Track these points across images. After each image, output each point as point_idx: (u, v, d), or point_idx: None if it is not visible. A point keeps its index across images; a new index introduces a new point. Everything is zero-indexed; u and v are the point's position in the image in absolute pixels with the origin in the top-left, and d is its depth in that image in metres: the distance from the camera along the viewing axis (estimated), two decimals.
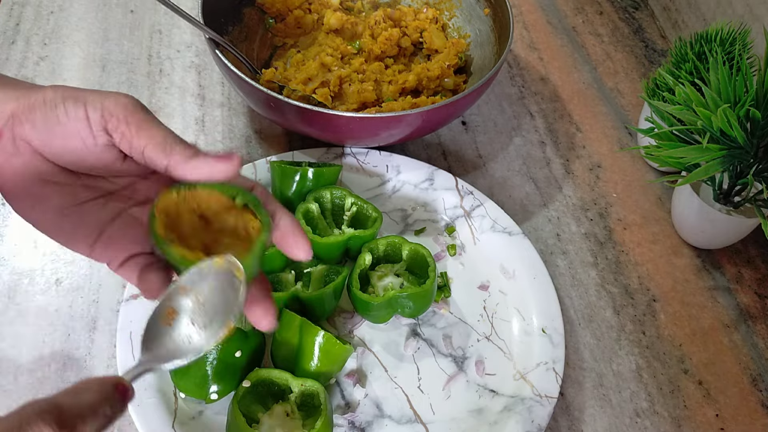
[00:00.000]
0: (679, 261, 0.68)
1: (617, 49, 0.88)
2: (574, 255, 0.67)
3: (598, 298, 0.64)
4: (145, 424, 0.51)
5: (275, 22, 0.79)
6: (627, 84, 0.83)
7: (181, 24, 0.84)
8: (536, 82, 0.83)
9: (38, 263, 0.62)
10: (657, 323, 0.63)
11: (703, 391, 0.59)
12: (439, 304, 0.61)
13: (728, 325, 0.63)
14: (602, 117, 0.80)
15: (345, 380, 0.56)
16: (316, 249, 0.61)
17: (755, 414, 0.58)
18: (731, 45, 0.64)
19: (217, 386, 0.51)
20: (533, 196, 0.72)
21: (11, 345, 0.57)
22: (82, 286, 0.61)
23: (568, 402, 0.58)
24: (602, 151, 0.76)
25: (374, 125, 0.62)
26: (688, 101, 0.58)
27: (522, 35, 0.88)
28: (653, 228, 0.70)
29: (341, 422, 0.54)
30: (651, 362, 0.61)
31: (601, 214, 0.71)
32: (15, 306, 0.59)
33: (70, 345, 0.57)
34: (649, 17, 0.92)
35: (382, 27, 0.78)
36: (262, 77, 0.72)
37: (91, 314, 0.59)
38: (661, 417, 0.58)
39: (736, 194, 0.63)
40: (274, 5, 0.78)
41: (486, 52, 0.76)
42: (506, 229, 0.65)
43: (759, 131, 0.56)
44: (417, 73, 0.73)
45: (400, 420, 0.55)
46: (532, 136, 0.77)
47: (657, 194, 0.73)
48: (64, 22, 0.83)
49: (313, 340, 0.52)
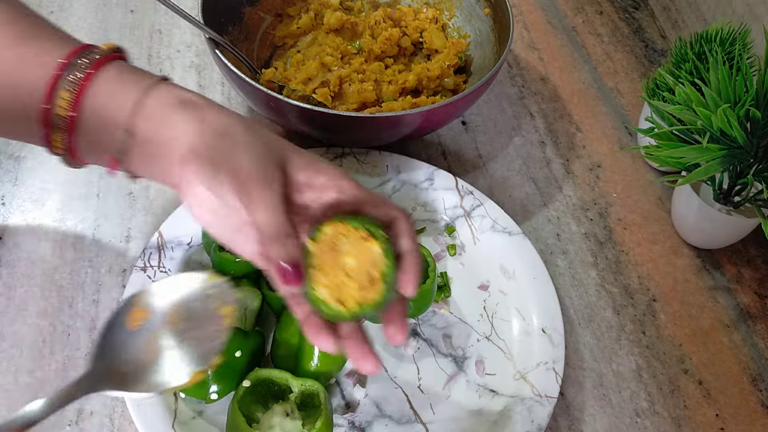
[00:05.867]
0: (679, 261, 0.68)
1: (617, 49, 0.88)
2: (574, 255, 0.67)
3: (598, 298, 0.64)
4: (145, 424, 0.51)
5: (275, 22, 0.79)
6: (627, 84, 0.83)
7: (181, 24, 0.84)
8: (536, 82, 0.83)
9: (38, 263, 0.62)
10: (657, 323, 0.63)
11: (703, 391, 0.59)
12: (439, 304, 0.61)
13: (728, 325, 0.63)
14: (602, 117, 0.80)
15: (345, 380, 0.56)
16: None
17: (755, 414, 0.58)
18: (731, 45, 0.64)
19: (217, 386, 0.51)
20: (533, 196, 0.72)
21: (11, 345, 0.57)
22: (82, 286, 0.61)
23: (568, 402, 0.58)
24: (602, 151, 0.76)
25: (374, 125, 0.62)
26: (688, 101, 0.58)
27: (522, 35, 0.88)
28: (653, 228, 0.70)
29: (341, 422, 0.54)
30: (651, 362, 0.61)
31: (601, 214, 0.71)
32: (15, 306, 0.59)
33: (70, 345, 0.57)
34: (649, 17, 0.92)
35: (382, 27, 0.78)
36: (262, 77, 0.72)
37: (91, 314, 0.59)
38: (661, 417, 0.58)
39: (736, 194, 0.63)
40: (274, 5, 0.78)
41: (486, 52, 0.76)
42: (506, 229, 0.65)
43: (759, 131, 0.56)
44: (417, 73, 0.73)
45: (400, 420, 0.55)
46: (532, 136, 0.77)
47: (657, 194, 0.73)
48: (64, 22, 0.82)
49: None
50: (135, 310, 0.36)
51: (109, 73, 0.42)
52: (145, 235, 0.64)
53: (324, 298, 0.41)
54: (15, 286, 0.60)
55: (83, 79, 0.41)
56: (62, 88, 0.40)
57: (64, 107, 0.41)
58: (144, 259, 0.60)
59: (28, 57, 0.42)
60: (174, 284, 0.37)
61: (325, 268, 0.42)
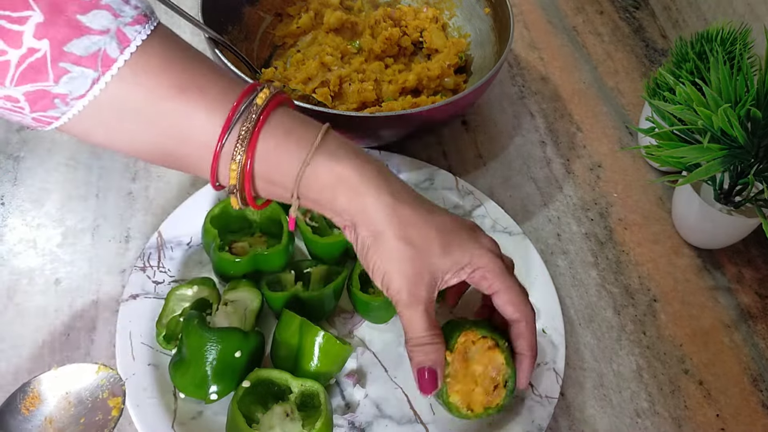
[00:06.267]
0: (680, 261, 0.67)
1: (618, 49, 0.88)
2: (575, 255, 0.67)
3: (598, 298, 0.64)
4: (144, 424, 0.51)
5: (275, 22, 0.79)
6: (627, 84, 0.83)
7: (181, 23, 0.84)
8: (536, 81, 0.83)
9: (38, 263, 0.62)
10: (657, 323, 0.63)
11: (703, 391, 0.59)
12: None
13: (729, 325, 0.63)
14: (603, 117, 0.80)
15: (345, 380, 0.56)
16: (315, 249, 0.60)
17: (756, 414, 0.58)
18: (732, 44, 0.64)
19: (216, 386, 0.51)
20: (533, 196, 0.71)
21: (11, 345, 0.57)
22: (82, 286, 0.61)
23: (569, 402, 0.58)
24: (603, 151, 0.76)
25: (374, 125, 0.62)
26: (689, 101, 0.58)
27: (522, 35, 0.88)
28: (654, 228, 0.70)
29: (341, 422, 0.54)
30: (651, 362, 0.60)
31: (601, 214, 0.71)
32: (15, 306, 0.59)
33: (70, 345, 0.57)
34: (650, 17, 0.92)
35: (382, 26, 0.78)
36: (262, 77, 0.72)
37: (91, 314, 0.59)
38: (661, 417, 0.57)
39: (737, 194, 0.63)
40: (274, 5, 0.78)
41: (486, 52, 0.76)
42: (506, 229, 0.65)
43: (760, 131, 0.56)
44: (417, 73, 0.73)
45: (400, 420, 0.55)
46: (533, 136, 0.77)
47: (657, 194, 0.73)
48: None
49: (313, 340, 0.52)
50: (28, 397, 0.39)
51: (273, 136, 0.43)
52: (145, 235, 0.64)
53: (456, 404, 0.49)
54: (14, 286, 0.60)
55: (249, 147, 0.42)
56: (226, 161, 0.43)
57: (232, 177, 0.43)
58: (143, 259, 0.60)
59: (191, 113, 0.42)
60: (66, 374, 0.40)
61: (458, 376, 0.48)
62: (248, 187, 0.44)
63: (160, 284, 0.59)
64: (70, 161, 0.70)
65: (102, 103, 0.41)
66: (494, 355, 0.49)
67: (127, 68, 0.40)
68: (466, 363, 0.49)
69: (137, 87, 0.41)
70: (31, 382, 0.40)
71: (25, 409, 0.39)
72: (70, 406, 0.40)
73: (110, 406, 0.42)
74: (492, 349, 0.49)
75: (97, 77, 0.39)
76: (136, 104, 0.41)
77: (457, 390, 0.48)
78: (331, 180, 0.44)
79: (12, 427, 0.38)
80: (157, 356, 0.55)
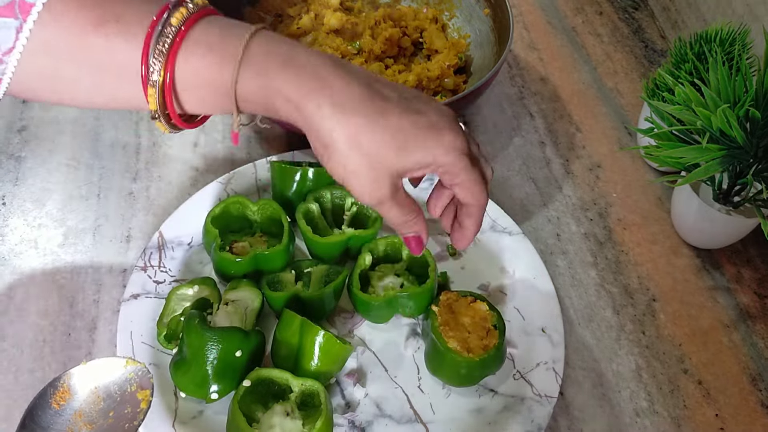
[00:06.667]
0: (679, 261, 0.68)
1: (617, 49, 0.88)
2: (574, 255, 0.67)
3: (597, 297, 0.64)
4: (145, 424, 0.51)
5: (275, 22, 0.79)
6: (627, 84, 0.83)
7: None
8: (536, 82, 0.83)
9: (39, 263, 0.62)
10: (657, 323, 0.63)
11: (702, 390, 0.59)
12: None
13: (728, 325, 0.63)
14: (602, 117, 0.80)
15: (345, 380, 0.56)
16: (316, 249, 0.61)
17: (755, 414, 0.58)
18: (731, 45, 0.64)
19: (217, 386, 0.51)
20: (533, 196, 0.72)
21: (11, 345, 0.57)
22: (83, 286, 0.61)
23: (568, 402, 0.58)
24: (602, 151, 0.76)
25: None
26: (688, 101, 0.58)
27: (522, 35, 0.88)
28: (653, 228, 0.70)
29: (341, 422, 0.54)
30: (651, 362, 0.61)
31: (600, 214, 0.71)
32: (16, 306, 0.59)
33: (70, 345, 0.57)
34: (649, 17, 0.92)
35: (382, 27, 0.78)
36: None
37: (91, 314, 0.59)
38: (660, 417, 0.58)
39: (736, 194, 0.63)
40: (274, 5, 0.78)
41: (486, 52, 0.76)
42: (506, 229, 0.65)
43: (758, 131, 0.56)
44: (417, 73, 0.73)
45: (400, 420, 0.55)
46: (532, 136, 0.77)
47: (657, 194, 0.73)
48: None
49: (313, 340, 0.52)
50: (59, 392, 0.40)
51: (194, 54, 0.42)
52: (146, 235, 0.64)
53: (456, 349, 0.52)
54: (15, 285, 0.60)
55: (166, 68, 0.41)
56: (153, 56, 0.41)
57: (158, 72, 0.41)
58: (144, 259, 0.60)
59: (112, 45, 0.41)
60: (95, 368, 0.41)
61: (450, 324, 0.54)
62: (171, 109, 0.43)
63: (161, 284, 0.59)
64: (72, 161, 0.70)
65: (33, 52, 0.40)
66: (477, 306, 0.55)
67: (46, 12, 0.40)
68: (454, 315, 0.55)
69: (60, 29, 0.40)
70: (62, 377, 0.41)
71: (55, 403, 0.40)
72: (99, 400, 0.41)
73: (139, 398, 0.42)
74: (473, 303, 0.56)
75: (20, 25, 0.39)
76: (64, 47, 0.41)
77: (452, 336, 0.53)
78: (265, 96, 0.42)
79: (44, 422, 0.38)
80: (158, 356, 0.55)
